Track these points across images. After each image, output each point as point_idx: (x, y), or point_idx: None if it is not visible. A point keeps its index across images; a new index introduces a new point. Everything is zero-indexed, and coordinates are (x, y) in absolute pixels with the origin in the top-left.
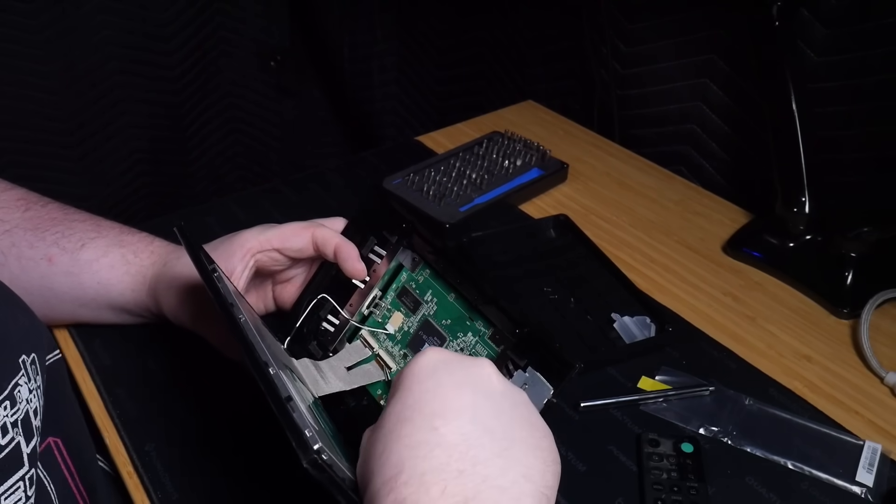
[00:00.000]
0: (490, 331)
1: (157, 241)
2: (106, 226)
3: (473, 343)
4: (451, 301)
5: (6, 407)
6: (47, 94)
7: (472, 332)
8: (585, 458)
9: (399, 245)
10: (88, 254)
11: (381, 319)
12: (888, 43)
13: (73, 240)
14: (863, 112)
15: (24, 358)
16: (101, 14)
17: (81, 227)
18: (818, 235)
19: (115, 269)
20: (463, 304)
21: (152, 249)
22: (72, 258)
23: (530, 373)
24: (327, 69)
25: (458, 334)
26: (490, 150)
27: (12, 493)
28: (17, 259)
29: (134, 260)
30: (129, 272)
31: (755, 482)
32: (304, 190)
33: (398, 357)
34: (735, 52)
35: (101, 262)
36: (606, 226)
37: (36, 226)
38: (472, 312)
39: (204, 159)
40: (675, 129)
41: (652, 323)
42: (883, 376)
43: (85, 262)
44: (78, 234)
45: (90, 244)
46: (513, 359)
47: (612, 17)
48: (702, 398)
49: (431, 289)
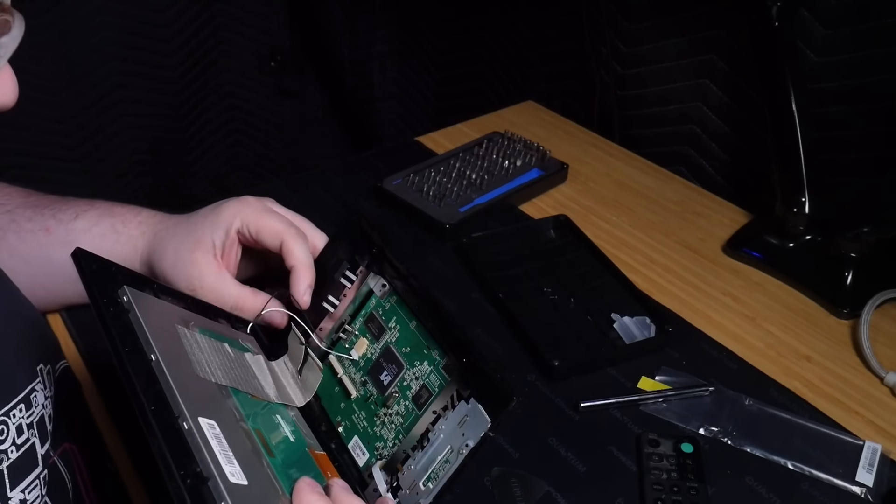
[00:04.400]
0: (444, 360)
1: (144, 212)
2: (100, 200)
3: (428, 372)
4: (412, 328)
5: (22, 409)
6: (48, 94)
7: (429, 361)
8: (585, 458)
9: (369, 270)
10: (81, 223)
11: (348, 345)
12: (888, 43)
13: (69, 212)
14: (863, 112)
15: (42, 367)
16: (100, 15)
17: (76, 202)
18: (818, 235)
19: (105, 238)
20: (423, 332)
21: (140, 220)
22: (67, 228)
23: (472, 404)
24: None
25: (415, 363)
26: (490, 151)
27: (32, 489)
28: (15, 232)
29: (123, 229)
30: (118, 241)
31: (755, 482)
32: (304, 190)
33: (358, 383)
34: (735, 52)
35: (93, 231)
36: (606, 226)
37: (35, 204)
38: (429, 341)
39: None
40: (675, 130)
41: (652, 323)
42: (883, 376)
43: (79, 232)
44: (73, 207)
45: (83, 215)
46: (458, 389)
47: (612, 17)
48: (702, 398)
49: (396, 315)
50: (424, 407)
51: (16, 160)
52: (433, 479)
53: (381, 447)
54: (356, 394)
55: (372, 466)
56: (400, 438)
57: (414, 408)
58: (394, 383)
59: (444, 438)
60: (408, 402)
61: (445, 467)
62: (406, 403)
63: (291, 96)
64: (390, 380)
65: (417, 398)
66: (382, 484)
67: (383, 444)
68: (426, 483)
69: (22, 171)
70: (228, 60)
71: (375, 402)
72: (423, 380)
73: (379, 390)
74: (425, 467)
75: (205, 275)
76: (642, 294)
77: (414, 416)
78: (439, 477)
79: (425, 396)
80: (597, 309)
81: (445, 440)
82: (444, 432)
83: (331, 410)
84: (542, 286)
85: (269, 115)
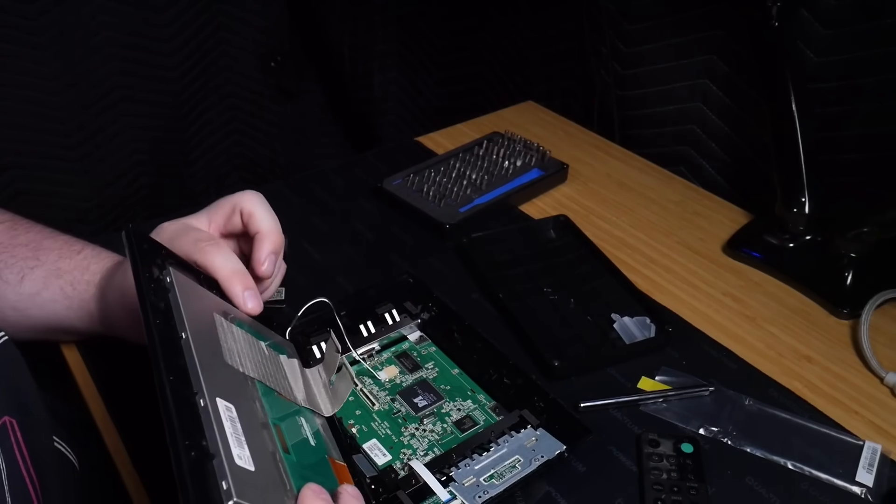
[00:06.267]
0: (492, 403)
1: (93, 266)
2: (46, 248)
3: (472, 408)
4: (455, 375)
5: None
6: (48, 95)
7: (473, 400)
8: (585, 458)
9: (413, 320)
10: (29, 287)
11: (373, 368)
12: (888, 43)
13: (14, 271)
14: (862, 112)
15: None
16: (101, 15)
17: (22, 253)
18: (818, 235)
19: (57, 304)
20: (467, 379)
21: (87, 279)
22: (15, 292)
23: (541, 432)
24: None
25: (456, 398)
26: (490, 151)
27: None
28: None
29: (73, 293)
30: (70, 307)
31: (755, 482)
32: (304, 190)
33: (382, 399)
34: (735, 52)
35: (42, 295)
36: (606, 226)
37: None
38: (475, 386)
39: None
40: (675, 130)
41: (652, 323)
42: (883, 376)
43: (28, 297)
44: (18, 263)
45: (29, 275)
46: (522, 419)
47: (611, 17)
48: (702, 398)
49: (434, 361)
50: (469, 432)
51: (16, 160)
52: (497, 477)
53: (409, 453)
54: (379, 406)
55: (411, 461)
56: (435, 450)
57: (455, 430)
58: (430, 408)
59: (509, 451)
60: (446, 424)
61: (512, 471)
62: (444, 426)
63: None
64: (426, 404)
65: (460, 423)
66: (428, 474)
67: (413, 451)
68: (488, 479)
69: (22, 171)
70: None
71: (404, 418)
72: (465, 412)
73: (413, 410)
74: (487, 468)
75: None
76: (642, 294)
77: (453, 437)
78: (505, 476)
79: (469, 424)
80: (597, 309)
81: (512, 451)
82: (509, 445)
83: (344, 413)
84: (542, 286)
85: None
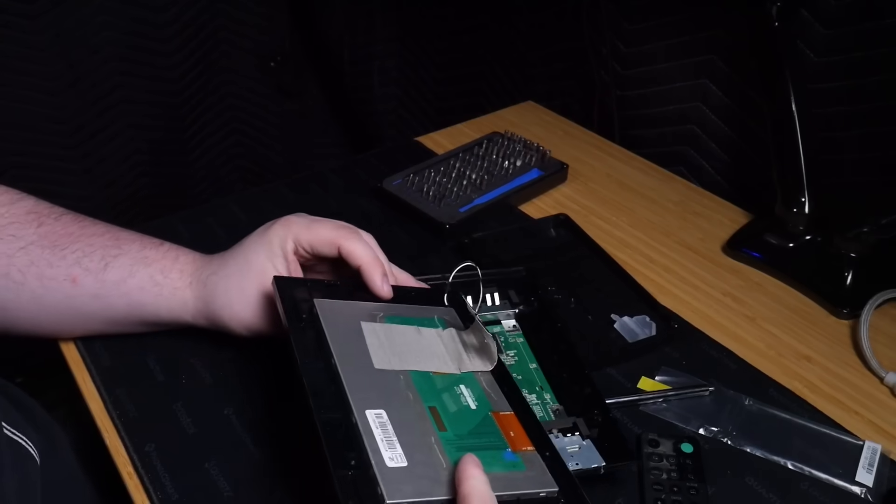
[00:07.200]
0: (556, 405)
1: (181, 257)
2: (125, 239)
3: (534, 402)
4: (531, 368)
5: None
6: (48, 95)
7: (538, 396)
8: None
9: (512, 308)
10: (113, 274)
11: None
12: (888, 43)
13: (95, 258)
14: (863, 113)
15: None
16: (101, 15)
17: (100, 242)
18: (818, 235)
19: (145, 291)
20: (540, 376)
21: (180, 268)
22: (97, 279)
23: (588, 443)
24: (327, 70)
25: (523, 389)
26: (490, 151)
27: None
28: (37, 279)
29: (164, 281)
30: (161, 294)
31: (755, 482)
32: (304, 190)
33: None
34: (735, 52)
35: (128, 283)
36: (606, 226)
37: (53, 243)
38: (545, 384)
39: (204, 159)
40: (675, 130)
41: (652, 322)
42: (883, 376)
43: (112, 284)
44: (98, 251)
45: (113, 263)
46: (575, 425)
47: (611, 17)
48: (702, 398)
49: (517, 350)
50: None
51: (16, 160)
52: None
53: None
54: None
55: None
56: None
57: None
58: None
59: None
60: None
61: None
62: None
63: (291, 96)
64: None
65: None
66: None
67: None
68: None
69: (22, 171)
70: (228, 60)
71: None
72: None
73: None
74: None
75: None
76: (644, 291)
77: None
78: None
79: None
80: (598, 308)
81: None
82: (553, 443)
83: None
84: (545, 286)
85: (269, 115)
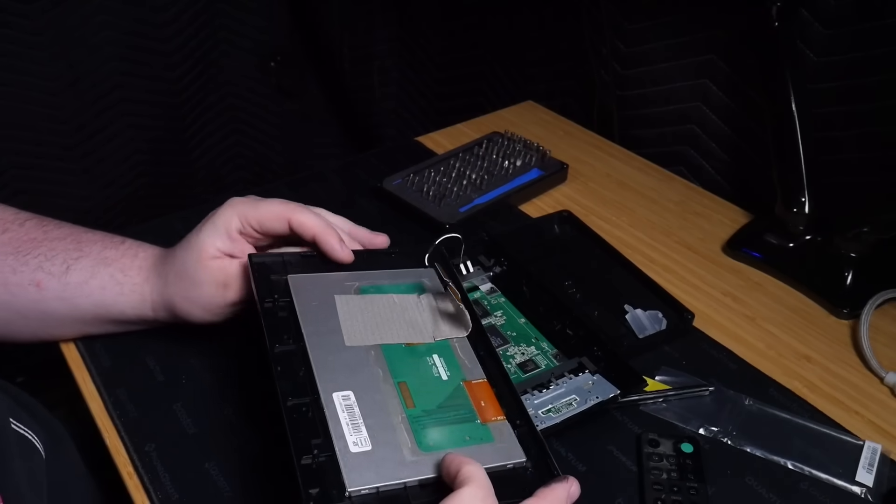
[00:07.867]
0: (554, 350)
1: (141, 253)
2: (87, 241)
3: (534, 354)
4: (521, 324)
5: None
6: (48, 94)
7: (536, 347)
8: (585, 458)
9: (485, 272)
10: (75, 276)
11: None
12: (888, 43)
13: (57, 262)
14: (863, 112)
15: None
16: (101, 14)
17: (62, 245)
18: (818, 235)
19: (107, 291)
20: (532, 328)
21: (139, 265)
22: (60, 283)
23: (598, 378)
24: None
25: (521, 343)
26: (490, 151)
27: None
28: (3, 285)
29: (124, 279)
30: (122, 293)
31: (755, 482)
32: (304, 190)
33: None
34: (735, 52)
35: (90, 284)
36: (606, 226)
37: (17, 249)
38: (539, 335)
39: (204, 159)
40: (675, 130)
41: (664, 318)
42: (883, 376)
43: (75, 286)
44: (60, 255)
45: (74, 265)
46: (581, 364)
47: (611, 17)
48: (702, 398)
49: (503, 310)
50: (531, 373)
51: (16, 160)
52: (554, 411)
53: None
54: None
55: None
56: None
57: (518, 371)
58: (496, 350)
59: (567, 390)
60: (510, 365)
61: (569, 408)
62: (508, 366)
63: (291, 96)
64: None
65: (523, 365)
66: None
67: None
68: (546, 413)
69: (22, 170)
70: (228, 60)
71: None
72: (529, 356)
73: None
74: (546, 403)
75: (227, 269)
76: (652, 282)
77: (516, 377)
78: (561, 412)
79: (531, 367)
80: (606, 303)
81: (570, 391)
82: (567, 385)
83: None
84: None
85: (269, 115)
